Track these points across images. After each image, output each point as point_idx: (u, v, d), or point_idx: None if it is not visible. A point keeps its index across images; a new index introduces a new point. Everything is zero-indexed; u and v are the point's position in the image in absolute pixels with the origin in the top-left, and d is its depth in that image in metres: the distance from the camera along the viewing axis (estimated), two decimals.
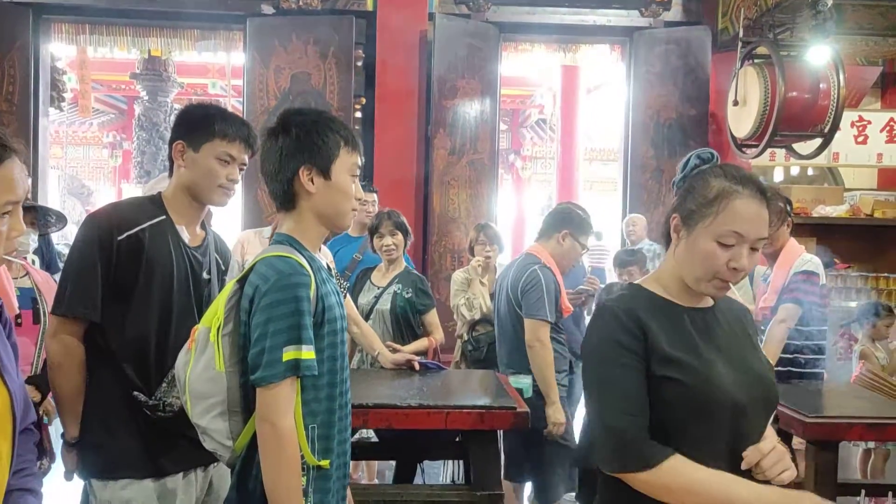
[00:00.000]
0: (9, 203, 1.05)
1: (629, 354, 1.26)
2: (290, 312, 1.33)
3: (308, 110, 1.52)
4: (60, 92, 6.29)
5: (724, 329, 1.36)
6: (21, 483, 1.15)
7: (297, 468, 1.35)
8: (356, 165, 1.49)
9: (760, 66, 4.60)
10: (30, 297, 2.27)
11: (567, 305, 3.08)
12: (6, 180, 1.04)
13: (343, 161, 1.46)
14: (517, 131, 13.98)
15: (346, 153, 1.47)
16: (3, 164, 1.04)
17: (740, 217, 1.27)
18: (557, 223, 3.09)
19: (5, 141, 1.06)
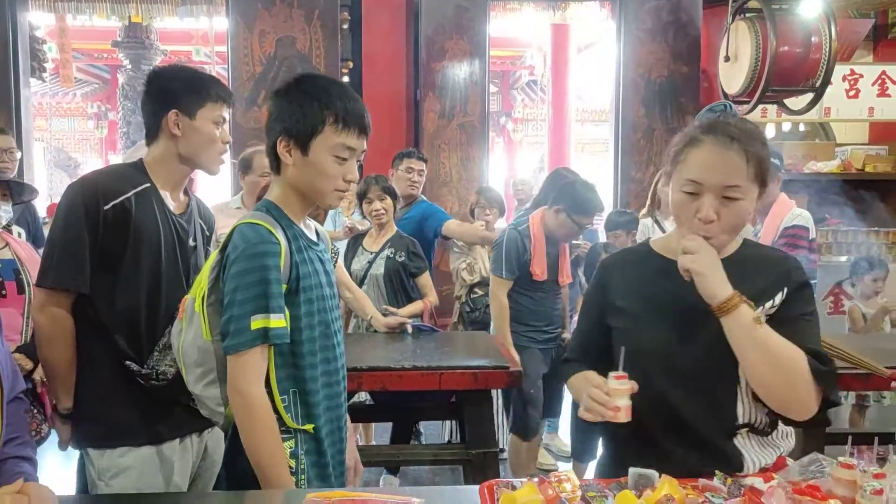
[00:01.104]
0: None
1: (588, 304, 1.56)
2: (257, 281, 1.32)
3: (316, 78, 1.46)
4: (41, 62, 6.15)
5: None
6: (15, 451, 1.15)
7: (273, 433, 1.36)
8: (344, 146, 1.40)
9: (752, 20, 4.54)
10: (11, 268, 2.25)
11: (536, 271, 3.12)
12: None
13: (326, 139, 1.39)
14: (508, 93, 13.83)
15: (333, 131, 1.38)
16: None
17: (697, 165, 1.30)
18: (554, 197, 3.13)
19: None
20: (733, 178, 1.29)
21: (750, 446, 1.38)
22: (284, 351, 1.39)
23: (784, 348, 1.27)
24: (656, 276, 1.42)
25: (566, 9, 5.83)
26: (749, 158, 1.30)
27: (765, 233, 3.01)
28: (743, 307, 1.27)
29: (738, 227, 1.36)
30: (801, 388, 1.27)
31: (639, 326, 1.39)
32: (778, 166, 3.09)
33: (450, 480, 3.38)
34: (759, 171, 1.32)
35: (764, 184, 1.34)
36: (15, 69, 5.19)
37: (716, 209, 1.29)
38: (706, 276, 1.28)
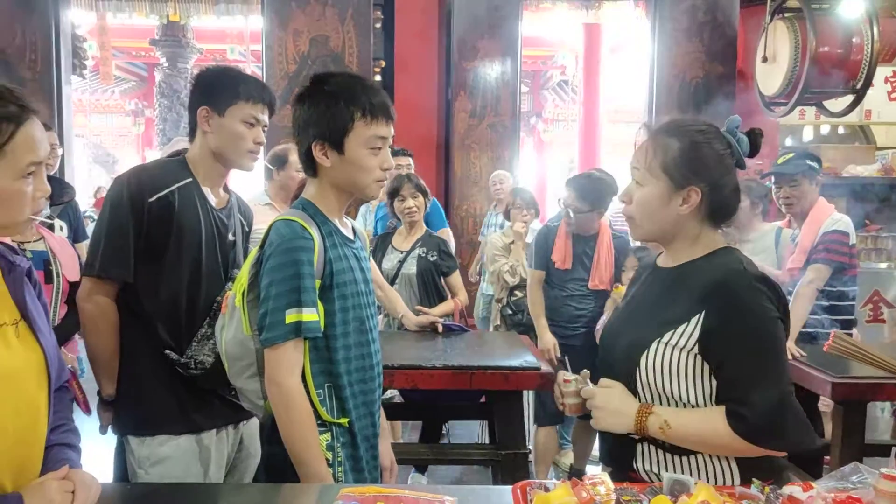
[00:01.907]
0: (32, 164, 1.05)
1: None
2: (291, 276, 1.36)
3: (333, 77, 1.47)
4: (82, 59, 6.29)
5: (658, 288, 1.37)
6: (60, 438, 1.18)
7: (309, 424, 1.39)
8: (376, 137, 1.43)
9: (791, 20, 4.45)
10: (42, 259, 2.32)
11: (555, 258, 3.28)
12: (28, 141, 1.04)
13: (358, 133, 1.42)
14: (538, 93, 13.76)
15: (363, 125, 1.41)
16: (23, 125, 1.04)
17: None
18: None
19: (23, 101, 1.06)
20: (635, 161, 1.35)
21: (650, 457, 1.33)
22: (319, 345, 1.42)
23: (698, 431, 1.26)
24: (647, 276, 1.45)
25: (599, 8, 5.78)
26: (656, 149, 1.31)
27: (803, 237, 2.95)
28: (649, 422, 1.28)
29: (644, 216, 1.34)
30: (734, 450, 1.27)
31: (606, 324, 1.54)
32: (816, 170, 3.03)
33: (477, 481, 3.38)
34: (665, 163, 1.30)
35: (676, 182, 1.29)
36: (57, 67, 5.32)
37: (630, 192, 1.35)
38: (605, 419, 1.32)
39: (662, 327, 1.28)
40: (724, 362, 1.25)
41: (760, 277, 1.27)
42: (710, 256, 1.33)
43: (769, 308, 1.25)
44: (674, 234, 1.34)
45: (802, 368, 2.54)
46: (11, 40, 5.18)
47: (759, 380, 1.22)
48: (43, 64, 5.24)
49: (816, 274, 2.85)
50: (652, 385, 1.29)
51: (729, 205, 1.33)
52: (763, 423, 1.21)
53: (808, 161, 3.01)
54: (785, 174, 3.01)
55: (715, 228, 1.35)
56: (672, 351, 1.27)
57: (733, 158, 1.33)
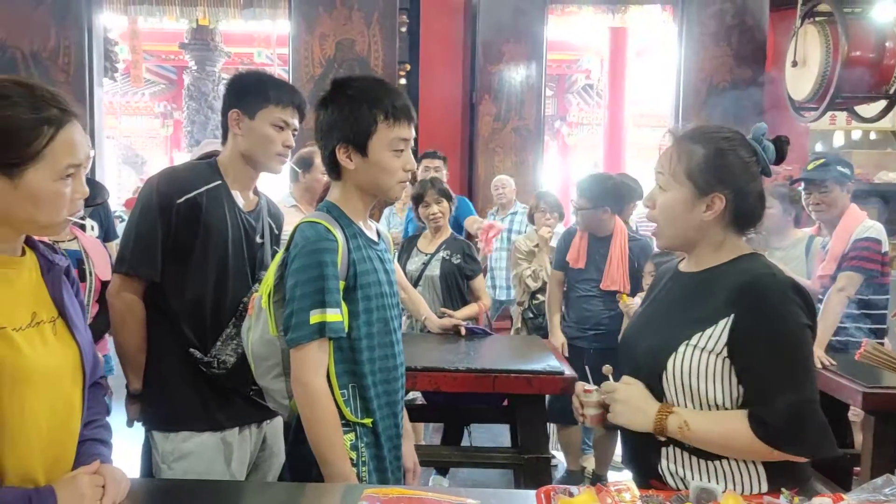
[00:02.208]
0: (71, 166, 1.07)
1: None
2: (315, 277, 1.37)
3: (355, 80, 1.49)
4: (113, 63, 6.42)
5: (680, 292, 1.37)
6: (93, 434, 1.20)
7: (334, 423, 1.40)
8: (399, 139, 1.45)
9: (822, 24, 4.39)
10: (76, 257, 2.38)
11: (569, 258, 3.35)
12: (68, 143, 1.07)
13: (382, 136, 1.43)
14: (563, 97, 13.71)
15: (386, 127, 1.43)
16: (64, 128, 1.07)
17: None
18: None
19: (65, 105, 1.08)
20: (660, 166, 1.35)
21: (675, 458, 1.30)
22: (343, 346, 1.43)
23: (719, 433, 1.25)
24: (668, 280, 1.44)
25: (625, 12, 5.75)
26: (681, 154, 1.31)
27: (834, 244, 2.90)
28: (669, 422, 1.26)
29: (668, 221, 1.34)
30: (754, 454, 1.26)
31: (627, 328, 1.53)
32: (848, 176, 2.98)
33: (499, 484, 3.37)
34: (690, 169, 1.30)
35: (700, 188, 1.29)
36: (90, 70, 5.43)
37: (654, 197, 1.35)
38: (624, 414, 1.32)
39: (690, 329, 1.28)
40: (749, 365, 1.24)
41: (791, 284, 1.27)
42: (735, 261, 1.32)
43: (799, 314, 1.24)
44: (697, 241, 1.34)
45: (832, 377, 2.49)
46: (46, 44, 5.30)
47: (782, 384, 1.22)
48: (76, 67, 5.35)
49: (847, 282, 2.80)
50: (679, 386, 1.28)
51: (754, 212, 1.33)
52: (782, 427, 1.21)
53: (840, 167, 2.96)
54: (815, 180, 2.96)
55: (739, 235, 1.35)
56: (700, 353, 1.26)
57: (759, 166, 1.32)
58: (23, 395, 1.05)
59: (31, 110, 1.04)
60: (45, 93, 1.07)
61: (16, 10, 5.25)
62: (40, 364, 1.07)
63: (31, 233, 1.14)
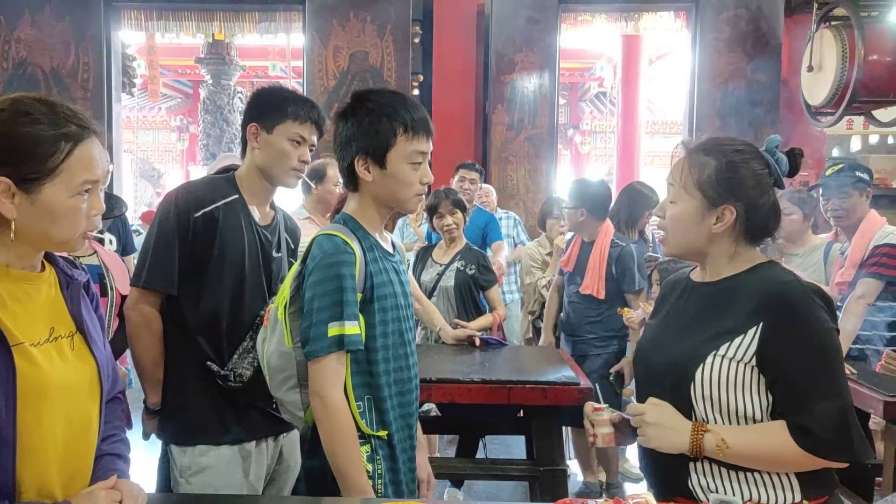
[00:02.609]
0: (87, 182, 1.08)
1: None
2: (333, 290, 1.38)
3: (375, 94, 1.50)
4: (131, 78, 6.52)
5: (699, 303, 1.35)
6: (110, 448, 1.21)
7: (351, 436, 1.40)
8: (418, 152, 1.46)
9: (838, 28, 4.34)
10: (97, 272, 2.41)
11: (562, 261, 3.50)
12: (85, 159, 1.08)
13: (400, 149, 1.44)
14: (576, 105, 13.70)
15: (405, 140, 1.44)
16: (82, 144, 1.08)
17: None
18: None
19: (85, 122, 1.09)
20: (671, 177, 1.36)
21: (705, 472, 1.28)
22: (360, 358, 1.44)
23: (760, 448, 1.23)
24: (681, 291, 1.43)
25: (639, 19, 5.73)
26: (692, 166, 1.32)
27: (853, 250, 2.86)
28: (705, 441, 1.24)
29: (677, 232, 1.34)
30: (796, 464, 1.23)
31: (642, 340, 1.50)
32: (866, 181, 2.94)
33: (514, 497, 3.35)
34: (701, 181, 1.30)
35: (711, 200, 1.29)
36: (108, 86, 5.52)
37: (664, 207, 1.36)
38: (658, 438, 1.28)
39: (717, 340, 1.26)
40: (783, 374, 1.23)
41: (815, 289, 1.26)
42: (754, 270, 1.31)
43: (826, 319, 1.23)
44: (706, 252, 1.34)
45: (853, 386, 2.45)
46: (66, 62, 5.39)
47: (821, 392, 1.21)
48: (95, 84, 5.44)
49: (867, 288, 2.76)
50: (708, 398, 1.26)
51: (766, 224, 1.32)
52: (829, 435, 1.19)
53: (858, 172, 2.92)
54: (833, 186, 2.93)
55: (751, 246, 1.34)
56: (729, 363, 1.24)
57: (771, 178, 1.31)
58: (40, 410, 1.05)
59: (51, 126, 1.05)
60: (66, 110, 1.08)
61: (36, 29, 5.36)
62: (57, 379, 1.08)
63: (49, 249, 1.15)
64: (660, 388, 1.32)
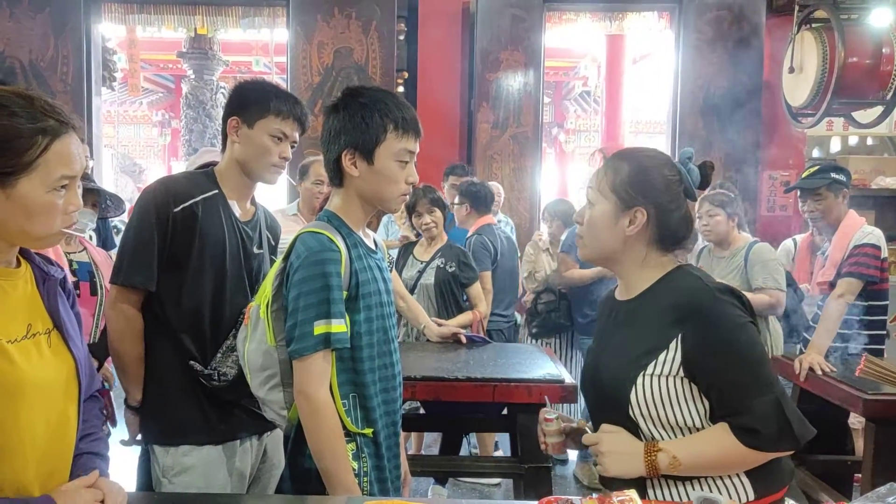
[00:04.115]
0: (64, 177, 1.06)
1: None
2: (320, 288, 1.37)
3: (367, 90, 1.50)
4: (111, 72, 6.43)
5: (622, 321, 1.37)
6: (89, 447, 1.19)
7: (337, 435, 1.40)
8: (406, 151, 1.46)
9: (818, 30, 4.39)
10: (87, 270, 2.36)
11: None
12: (63, 155, 1.06)
13: (389, 146, 1.44)
14: (560, 104, 13.74)
15: (394, 138, 1.44)
16: (59, 139, 1.06)
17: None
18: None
19: (64, 117, 1.08)
20: (589, 182, 1.39)
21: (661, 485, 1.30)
22: (344, 356, 1.43)
23: (709, 455, 1.25)
24: (610, 310, 1.45)
25: (623, 19, 5.76)
26: (607, 170, 1.36)
27: (833, 250, 2.90)
28: (659, 461, 1.26)
29: (593, 234, 1.37)
30: (747, 463, 1.26)
31: (586, 360, 1.51)
32: (843, 182, 2.98)
33: (499, 494, 3.35)
34: (614, 184, 1.33)
35: (624, 202, 1.32)
36: (88, 79, 5.43)
37: (583, 213, 1.39)
38: (615, 465, 1.29)
39: (643, 359, 1.28)
40: (713, 380, 1.25)
41: (722, 288, 1.30)
42: (665, 279, 1.34)
43: (738, 314, 1.26)
44: (619, 256, 1.36)
45: (833, 384, 2.49)
46: (45, 54, 5.30)
47: (752, 389, 1.23)
48: (75, 77, 5.35)
49: (847, 288, 2.80)
50: (647, 416, 1.28)
51: (677, 231, 1.35)
52: (772, 429, 1.22)
53: (833, 174, 2.96)
54: (809, 188, 2.96)
55: (663, 253, 1.36)
56: (658, 380, 1.27)
57: (681, 186, 1.35)
58: (17, 408, 1.04)
59: (28, 120, 1.03)
60: (44, 104, 1.06)
61: (14, 21, 5.26)
62: (35, 376, 1.06)
63: (25, 245, 1.13)
64: (605, 412, 1.35)
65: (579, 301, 3.78)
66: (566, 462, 3.88)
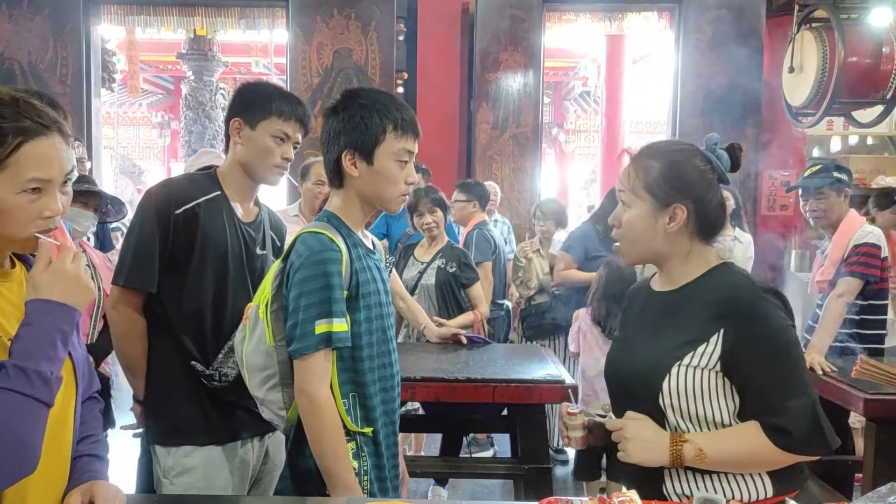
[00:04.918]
0: (36, 180, 1.02)
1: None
2: (321, 287, 1.37)
3: (366, 92, 1.51)
4: (111, 73, 6.44)
5: (661, 312, 1.36)
6: (88, 449, 1.19)
7: (339, 434, 1.40)
8: (405, 151, 1.47)
9: (818, 30, 4.39)
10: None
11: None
12: (37, 157, 1.02)
13: (388, 146, 1.45)
14: (560, 104, 13.75)
15: (394, 138, 1.45)
16: (35, 140, 1.02)
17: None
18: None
19: (45, 119, 1.04)
20: (620, 185, 1.36)
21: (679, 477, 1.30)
22: (345, 355, 1.43)
23: (737, 452, 1.25)
24: (644, 300, 1.44)
25: (623, 19, 5.76)
26: (638, 170, 1.34)
27: (833, 250, 2.89)
28: (684, 451, 1.25)
29: (632, 238, 1.35)
30: (774, 463, 1.26)
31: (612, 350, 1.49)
32: (844, 181, 2.97)
33: (499, 495, 3.35)
34: (648, 184, 1.32)
35: (661, 201, 1.31)
36: (87, 80, 5.44)
37: (619, 216, 1.37)
38: (637, 452, 1.28)
39: (680, 349, 1.28)
40: (751, 378, 1.25)
41: (768, 289, 1.30)
42: (710, 274, 1.33)
43: (783, 317, 1.27)
44: (665, 254, 1.35)
45: (833, 384, 2.48)
46: (44, 56, 5.31)
47: (789, 390, 1.23)
48: (74, 78, 5.36)
49: (847, 287, 2.79)
50: (677, 407, 1.28)
51: (715, 220, 1.35)
52: (805, 432, 1.22)
53: (835, 173, 2.95)
54: (810, 187, 2.96)
55: (705, 244, 1.35)
56: (694, 372, 1.26)
57: (714, 174, 1.34)
58: None
59: (3, 120, 1.00)
60: (27, 105, 1.03)
61: (13, 23, 5.26)
62: None
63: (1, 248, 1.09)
64: (633, 401, 1.34)
65: (576, 302, 3.72)
66: (566, 462, 3.87)
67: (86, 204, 2.50)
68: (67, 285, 1.04)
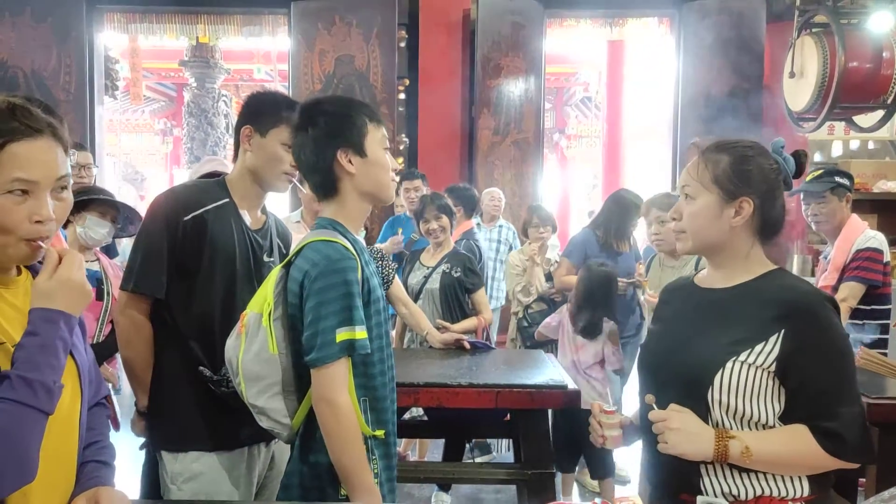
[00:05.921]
0: (18, 180, 1.01)
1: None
2: (342, 295, 1.38)
3: (326, 98, 1.58)
4: (114, 81, 6.46)
5: (713, 308, 1.36)
6: (94, 455, 1.19)
7: (358, 439, 1.41)
8: (385, 138, 1.54)
9: (819, 35, 4.40)
10: (95, 277, 2.44)
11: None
12: (20, 157, 1.01)
13: (373, 136, 1.50)
14: (561, 110, 13.76)
15: (374, 128, 1.51)
16: (19, 141, 1.02)
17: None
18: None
19: (34, 122, 1.04)
20: (686, 178, 1.38)
21: (717, 473, 1.30)
22: (356, 361, 1.44)
23: (783, 454, 1.26)
24: (689, 296, 1.44)
25: (623, 25, 5.78)
26: (707, 163, 1.35)
27: (836, 255, 2.90)
28: (730, 447, 1.25)
29: (695, 229, 1.36)
30: (818, 467, 1.28)
31: (650, 341, 1.51)
32: (846, 186, 2.98)
33: (503, 499, 3.35)
34: (716, 176, 1.33)
35: (728, 193, 1.32)
36: (91, 88, 5.46)
37: (680, 209, 1.38)
38: (681, 444, 1.27)
39: (736, 346, 1.28)
40: (808, 381, 1.26)
41: (828, 297, 1.32)
42: (769, 276, 1.34)
43: (841, 325, 1.30)
44: (723, 248, 1.36)
45: None
46: (47, 64, 5.33)
47: (843, 396, 1.25)
48: (77, 86, 5.38)
49: (849, 292, 2.79)
50: (724, 403, 1.28)
51: (777, 222, 1.36)
52: (856, 439, 1.24)
53: (837, 178, 2.96)
54: (812, 192, 2.96)
55: (765, 244, 1.37)
56: (749, 369, 1.27)
57: (780, 176, 1.35)
58: None
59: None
60: (20, 109, 1.04)
61: (17, 31, 5.29)
62: None
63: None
64: (676, 393, 1.33)
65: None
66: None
67: (103, 214, 2.54)
68: (71, 294, 1.05)
